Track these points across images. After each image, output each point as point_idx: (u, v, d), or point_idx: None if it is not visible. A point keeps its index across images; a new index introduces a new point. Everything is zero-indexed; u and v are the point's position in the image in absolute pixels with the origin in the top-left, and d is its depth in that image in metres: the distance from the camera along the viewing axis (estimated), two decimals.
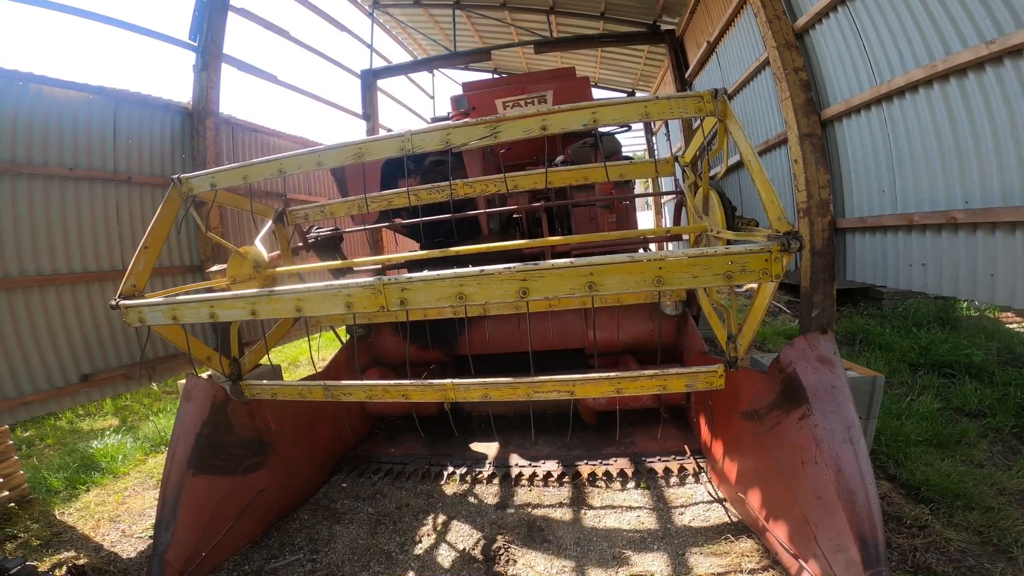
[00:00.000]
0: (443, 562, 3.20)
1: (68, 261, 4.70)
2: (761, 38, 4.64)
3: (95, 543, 3.81)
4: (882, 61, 3.55)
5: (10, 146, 4.32)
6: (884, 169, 3.74)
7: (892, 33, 3.39)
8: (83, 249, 4.82)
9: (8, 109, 4.33)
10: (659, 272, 1.94)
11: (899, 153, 3.60)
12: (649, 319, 4.59)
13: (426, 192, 3.93)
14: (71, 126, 4.76)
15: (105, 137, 5.04)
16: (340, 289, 2.24)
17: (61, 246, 4.65)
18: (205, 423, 3.32)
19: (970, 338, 5.82)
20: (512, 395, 2.89)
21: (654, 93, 11.78)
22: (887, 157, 3.70)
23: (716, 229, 2.88)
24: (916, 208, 3.51)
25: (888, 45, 3.45)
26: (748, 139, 2.34)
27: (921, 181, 3.48)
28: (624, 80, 12.71)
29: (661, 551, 3.12)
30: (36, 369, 4.45)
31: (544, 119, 2.54)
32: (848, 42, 3.82)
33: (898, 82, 3.39)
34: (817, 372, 2.62)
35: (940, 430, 4.07)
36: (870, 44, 3.61)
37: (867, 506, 2.21)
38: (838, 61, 3.97)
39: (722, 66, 6.54)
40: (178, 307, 2.73)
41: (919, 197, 3.51)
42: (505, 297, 2.02)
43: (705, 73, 7.36)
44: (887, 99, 3.58)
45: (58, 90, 4.69)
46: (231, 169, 3.15)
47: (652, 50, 10.11)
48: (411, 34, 12.69)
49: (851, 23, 3.74)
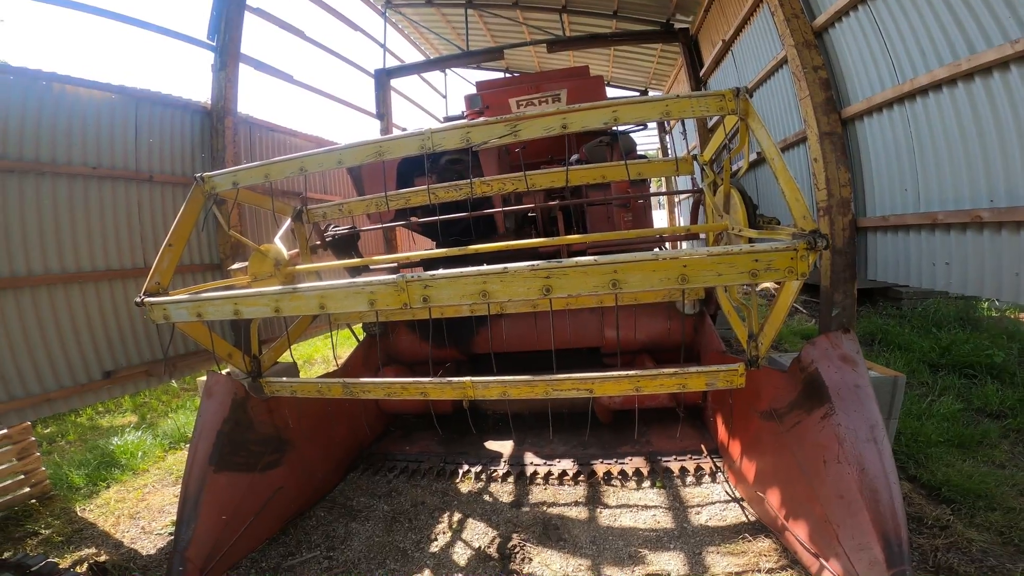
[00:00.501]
0: (459, 560, 3.21)
1: (92, 259, 4.78)
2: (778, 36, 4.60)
3: (115, 540, 3.85)
4: (904, 60, 3.51)
5: (34, 145, 4.39)
6: (907, 168, 3.70)
7: (915, 32, 3.35)
8: (106, 247, 4.89)
9: (32, 109, 4.40)
10: (683, 270, 1.94)
11: (922, 152, 3.56)
12: (666, 318, 4.58)
13: (444, 190, 3.95)
14: (94, 125, 4.84)
15: (127, 136, 5.11)
16: (363, 286, 2.26)
17: (85, 244, 4.73)
18: (226, 420, 3.33)
19: (992, 338, 5.74)
20: (530, 393, 2.90)
21: (667, 92, 11.71)
22: (910, 156, 3.66)
23: (737, 227, 2.86)
24: (940, 207, 3.46)
25: (910, 44, 3.41)
26: (771, 137, 2.33)
27: (945, 180, 3.44)
28: (637, 79, 12.66)
29: (677, 550, 3.12)
30: (60, 366, 4.51)
31: (564, 118, 2.54)
32: (869, 41, 3.78)
33: (921, 81, 3.34)
34: (840, 371, 2.61)
35: (961, 431, 4.04)
36: (892, 43, 3.57)
37: (891, 505, 2.19)
38: (859, 59, 3.93)
39: (738, 64, 6.49)
40: (202, 304, 2.77)
41: (943, 196, 3.46)
42: (528, 295, 2.03)
43: (720, 71, 7.31)
44: (910, 98, 3.54)
45: (81, 89, 4.76)
46: (253, 168, 3.19)
47: (665, 48, 10.06)
48: (423, 33, 12.74)
49: (872, 22, 3.69)
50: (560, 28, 9.92)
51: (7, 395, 4.13)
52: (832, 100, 4.06)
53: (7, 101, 4.24)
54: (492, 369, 3.32)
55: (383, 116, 9.85)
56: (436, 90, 13.62)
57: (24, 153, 4.33)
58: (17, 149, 4.28)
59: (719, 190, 3.18)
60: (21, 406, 4.20)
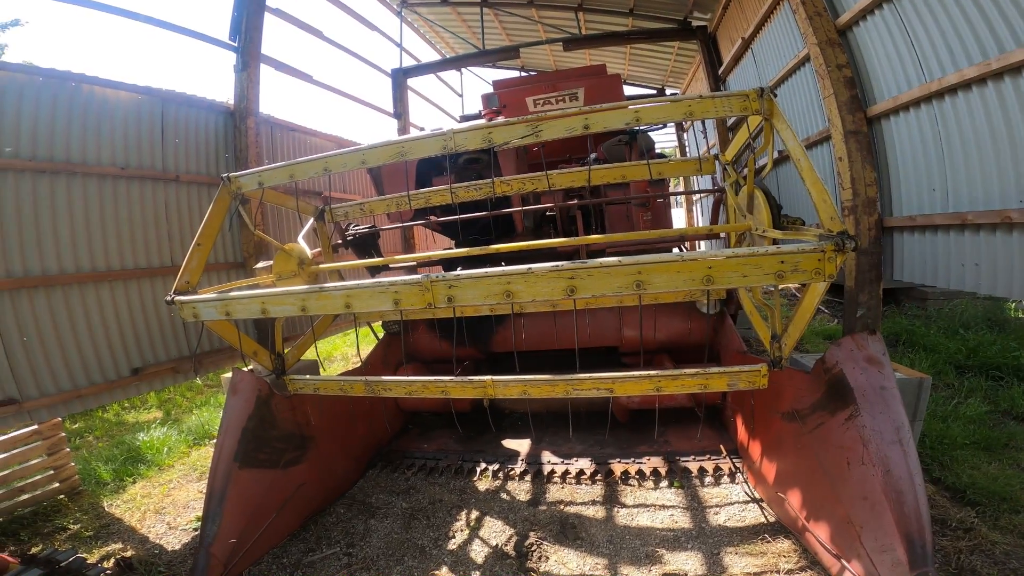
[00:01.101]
0: (476, 558, 3.22)
1: (120, 258, 4.90)
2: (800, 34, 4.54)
3: (141, 535, 3.90)
4: (932, 58, 3.45)
5: (64, 146, 4.52)
6: (935, 167, 3.63)
7: (942, 31, 3.30)
8: (134, 247, 5.02)
9: (62, 110, 4.52)
10: (708, 271, 1.94)
11: (951, 151, 3.49)
12: (686, 318, 4.56)
13: (464, 190, 3.98)
14: (121, 126, 4.96)
15: (154, 137, 5.24)
16: (388, 286, 2.29)
17: (114, 244, 4.85)
18: (251, 417, 3.36)
19: (1019, 340, 5.59)
20: (551, 392, 2.91)
21: (684, 90, 11.62)
22: (938, 155, 3.59)
23: (761, 228, 2.84)
24: (969, 207, 3.40)
25: (938, 42, 3.36)
26: (797, 137, 2.31)
27: (975, 179, 3.37)
28: (654, 77, 12.57)
29: (695, 550, 3.10)
30: (90, 363, 4.63)
31: (586, 118, 2.55)
32: (895, 39, 3.72)
33: (950, 80, 3.29)
34: (866, 373, 2.58)
35: (987, 433, 3.96)
36: (919, 41, 3.51)
37: (915, 507, 2.18)
38: (884, 58, 3.87)
39: (758, 62, 6.41)
40: (231, 303, 2.83)
41: (972, 196, 3.40)
42: (552, 295, 2.04)
43: (739, 69, 7.23)
44: (938, 97, 3.48)
45: (108, 90, 4.88)
46: (278, 168, 3.25)
47: (683, 46, 9.97)
48: (439, 33, 12.79)
49: (898, 20, 3.64)
50: (576, 26, 9.89)
51: (39, 392, 4.26)
52: (857, 98, 4.00)
53: (38, 102, 4.35)
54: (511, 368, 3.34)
55: (400, 115, 9.93)
56: (452, 89, 13.67)
57: (55, 154, 4.45)
58: (48, 150, 4.40)
59: (742, 190, 3.16)
60: (52, 402, 4.32)
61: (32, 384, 4.23)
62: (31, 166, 4.28)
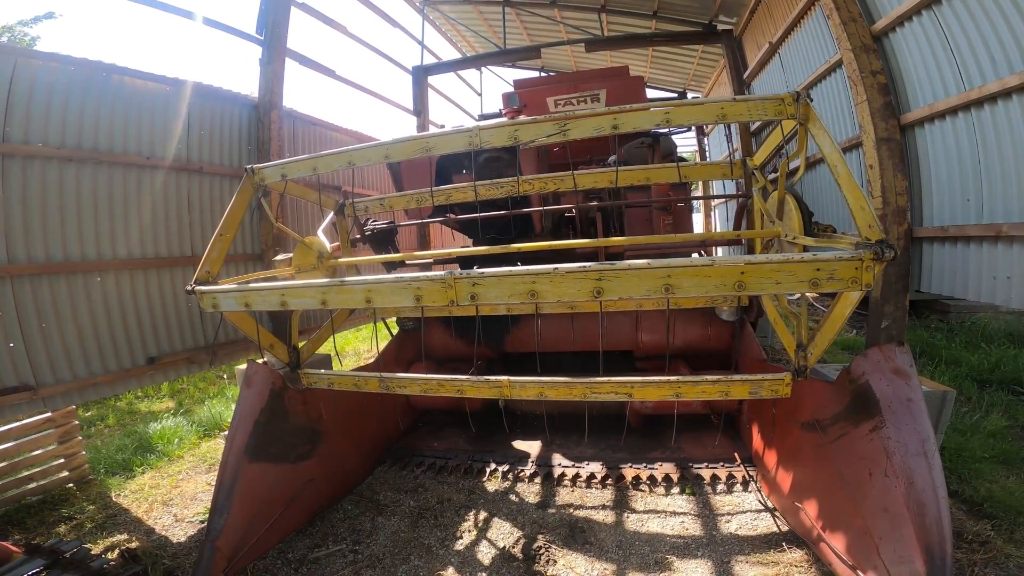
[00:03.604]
0: (483, 559, 3.20)
1: (141, 247, 4.95)
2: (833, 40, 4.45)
3: (147, 526, 3.87)
4: (972, 66, 3.36)
5: (93, 135, 4.58)
6: (970, 177, 3.54)
7: (984, 39, 3.21)
8: (155, 236, 5.07)
9: (92, 99, 4.58)
10: (740, 276, 1.89)
11: (988, 161, 3.39)
12: (704, 324, 4.49)
13: (486, 188, 3.96)
14: (148, 116, 5.01)
15: (179, 128, 5.29)
16: (410, 282, 2.27)
17: (136, 232, 4.90)
18: (263, 410, 3.32)
19: None
20: (568, 395, 2.88)
21: (706, 94, 11.50)
22: (974, 165, 3.50)
23: (792, 234, 2.78)
24: (1004, 218, 3.30)
25: (979, 51, 3.27)
26: (835, 143, 2.25)
27: (1011, 190, 3.28)
28: (675, 80, 12.46)
29: (705, 558, 3.05)
30: (106, 350, 4.65)
31: (615, 118, 2.51)
32: (933, 46, 3.63)
33: (991, 88, 3.20)
34: (892, 384, 2.52)
35: (1006, 447, 3.91)
36: (958, 49, 3.43)
37: (938, 519, 2.13)
38: (921, 65, 3.77)
39: (785, 67, 6.32)
40: (250, 294, 2.84)
41: (1008, 207, 3.30)
42: (578, 296, 2.01)
43: (765, 74, 7.13)
44: (977, 105, 3.39)
45: (137, 81, 4.94)
46: (301, 160, 3.25)
47: (707, 50, 9.87)
48: (459, 31, 12.81)
49: (937, 27, 3.55)
50: (598, 28, 9.83)
51: (54, 379, 4.27)
52: (891, 105, 3.91)
53: (69, 91, 4.42)
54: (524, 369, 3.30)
55: (420, 112, 9.95)
56: (472, 88, 13.67)
57: (82, 142, 4.51)
58: (76, 138, 4.46)
59: (771, 195, 3.09)
60: (68, 390, 4.34)
61: (48, 371, 4.24)
62: (59, 154, 4.33)
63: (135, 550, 3.41)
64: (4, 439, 4.15)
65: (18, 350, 4.06)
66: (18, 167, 4.14)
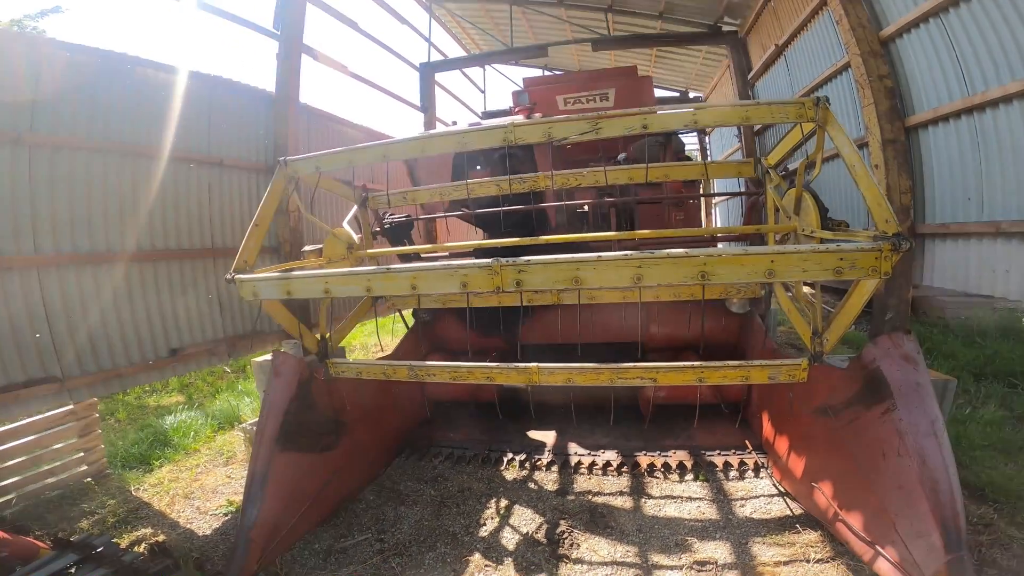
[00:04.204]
0: (508, 544, 3.27)
1: (164, 239, 5.02)
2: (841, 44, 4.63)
3: (171, 520, 3.85)
4: (976, 72, 3.55)
5: (119, 126, 4.63)
6: (971, 177, 3.73)
7: (988, 47, 3.40)
8: (177, 228, 5.14)
9: (118, 90, 4.61)
10: (771, 265, 2.05)
11: (988, 162, 3.59)
12: (714, 316, 4.64)
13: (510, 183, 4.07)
14: (171, 109, 5.06)
15: (201, 121, 5.35)
16: (457, 269, 2.40)
17: (159, 224, 4.97)
18: (292, 400, 3.31)
19: None
20: (596, 380, 3.01)
21: (708, 94, 11.70)
22: (975, 165, 3.69)
23: (809, 228, 2.95)
24: (1003, 216, 3.50)
25: (983, 58, 3.46)
26: (853, 144, 2.41)
27: (1010, 189, 3.47)
28: (677, 79, 12.65)
29: (723, 540, 3.18)
30: (130, 342, 4.67)
31: (645, 118, 2.65)
32: (939, 52, 3.82)
33: (993, 93, 3.39)
34: (902, 369, 2.65)
35: (1004, 436, 4.07)
36: (963, 55, 3.62)
37: (950, 495, 2.26)
38: (926, 70, 3.96)
39: (790, 69, 6.50)
40: (293, 282, 2.93)
41: (1007, 205, 3.50)
42: (620, 283, 2.15)
43: (770, 75, 7.31)
44: (979, 109, 3.58)
45: (161, 74, 4.99)
46: (336, 153, 3.36)
47: (710, 51, 10.04)
48: (464, 28, 12.90)
49: (943, 35, 3.74)
50: (604, 27, 9.97)
51: (80, 370, 4.25)
52: (896, 108, 4.10)
53: (96, 83, 4.46)
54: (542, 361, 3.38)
55: (427, 109, 10.04)
56: (476, 85, 13.78)
57: (109, 133, 4.56)
58: (103, 129, 4.51)
59: (787, 193, 3.26)
60: (93, 381, 4.34)
61: (74, 362, 4.23)
62: (86, 145, 4.38)
63: (164, 543, 3.40)
64: (27, 432, 4.13)
65: (45, 341, 4.07)
66: (46, 158, 4.18)
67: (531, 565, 3.08)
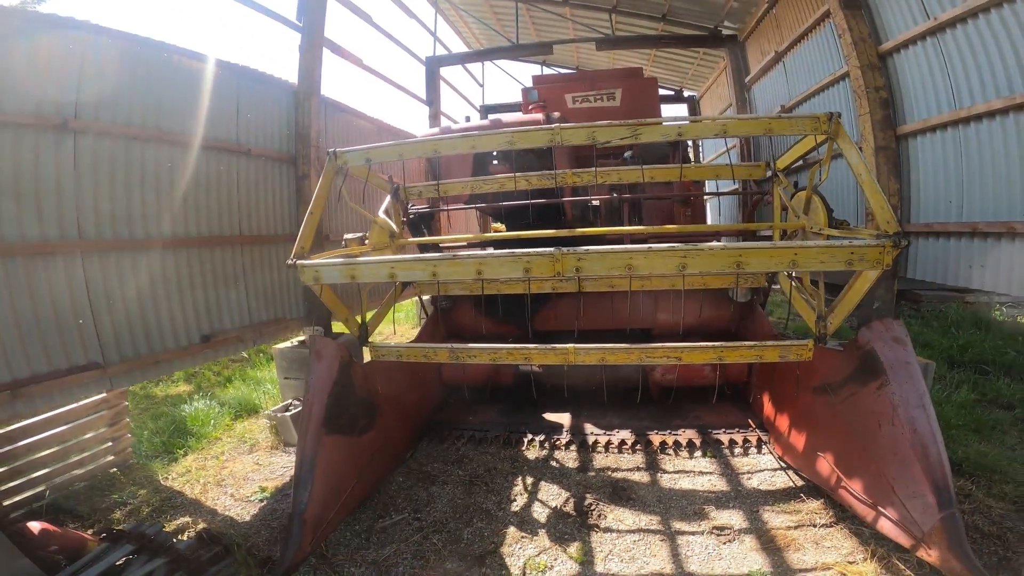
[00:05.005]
0: (539, 517, 3.54)
1: (197, 225, 5.10)
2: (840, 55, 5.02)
3: (208, 508, 3.89)
4: (963, 88, 3.97)
5: (155, 113, 4.67)
6: (953, 182, 4.18)
7: (978, 65, 3.80)
8: (209, 215, 5.23)
9: (155, 78, 4.63)
10: (794, 256, 2.42)
11: (969, 169, 4.03)
12: (718, 305, 5.00)
13: (537, 179, 4.37)
14: (203, 97, 5.12)
15: (229, 110, 5.46)
16: (521, 256, 2.69)
17: (193, 211, 5.05)
18: (335, 383, 3.39)
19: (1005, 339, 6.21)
20: (627, 359, 3.35)
21: (702, 94, 12.10)
22: (957, 172, 4.14)
23: (818, 227, 3.33)
24: (980, 217, 3.95)
25: (972, 75, 3.87)
26: (861, 155, 2.79)
27: (987, 195, 3.92)
28: (672, 79, 13.02)
29: (736, 509, 3.52)
30: (165, 328, 4.70)
31: (680, 128, 3.00)
32: (932, 68, 4.23)
33: (979, 108, 3.81)
34: (893, 349, 3.00)
35: (977, 417, 4.47)
36: (954, 72, 4.03)
37: (939, 458, 2.60)
38: (919, 84, 4.38)
39: (788, 75, 6.89)
40: (357, 267, 3.17)
41: (984, 208, 3.95)
42: (666, 270, 2.50)
43: (767, 80, 7.69)
44: (964, 122, 4.00)
45: (193, 62, 5.03)
46: (386, 147, 3.62)
47: (708, 53, 10.41)
48: (467, 23, 13.05)
49: (938, 52, 4.14)
50: (607, 26, 10.26)
51: (119, 356, 4.23)
52: (889, 118, 4.51)
53: (135, 70, 4.48)
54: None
55: (432, 102, 10.23)
56: (475, 79, 13.97)
57: (147, 120, 4.59)
58: (141, 116, 4.54)
59: (797, 195, 3.64)
60: (132, 368, 4.33)
61: (114, 349, 4.23)
62: (126, 131, 4.38)
63: (211, 530, 3.41)
64: (59, 422, 4.10)
65: (87, 327, 4.04)
66: (90, 144, 4.20)
67: (564, 535, 3.35)
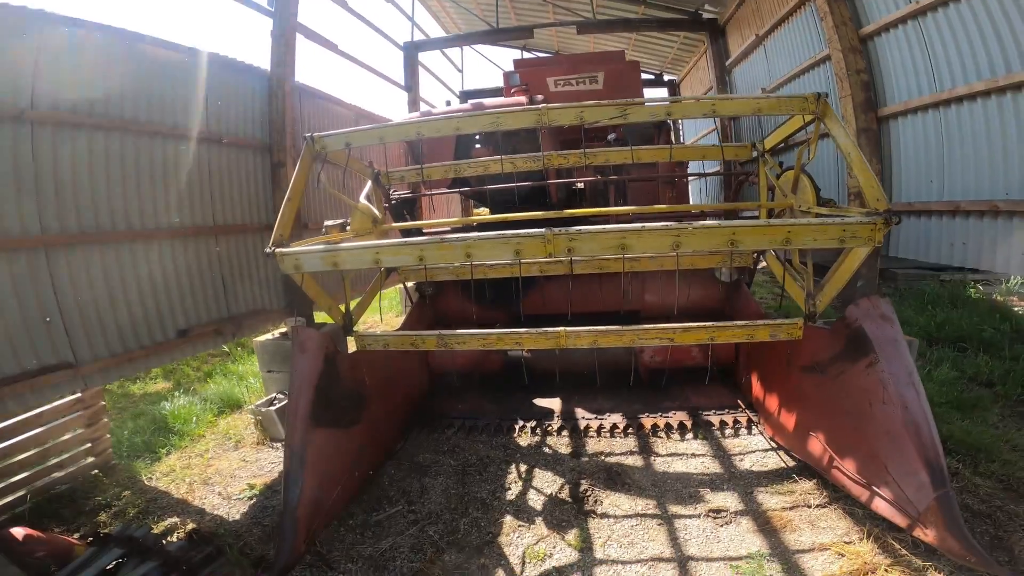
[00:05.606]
0: (535, 505, 3.49)
1: (168, 216, 4.90)
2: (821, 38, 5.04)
3: (195, 507, 3.78)
4: (945, 71, 4.02)
5: (119, 103, 4.49)
6: (934, 162, 4.24)
7: (959, 49, 3.85)
8: (180, 205, 5.02)
9: (118, 66, 4.43)
10: (787, 234, 2.40)
11: (951, 150, 4.09)
12: (704, 285, 4.99)
13: (523, 161, 4.28)
14: (171, 86, 4.93)
15: (200, 98, 5.25)
16: (511, 238, 2.60)
17: (162, 202, 4.84)
18: (321, 374, 3.28)
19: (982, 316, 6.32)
20: (619, 342, 3.31)
21: (682, 78, 12.11)
22: (938, 153, 4.20)
23: (806, 205, 3.33)
24: (962, 196, 4.01)
25: (953, 58, 3.92)
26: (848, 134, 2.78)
27: (968, 174, 3.98)
28: (653, 63, 12.99)
29: (730, 491, 3.51)
30: (139, 324, 4.51)
31: (669, 108, 2.95)
32: (913, 51, 4.27)
33: (959, 91, 3.86)
34: (881, 327, 2.96)
35: (957, 395, 4.48)
36: (935, 56, 4.06)
37: (931, 437, 2.56)
38: (900, 67, 4.42)
39: (769, 58, 6.91)
40: (340, 254, 3.04)
41: (965, 187, 4.01)
42: (660, 249, 2.45)
43: (748, 63, 7.71)
44: (945, 104, 4.05)
45: (160, 50, 4.84)
46: (366, 130, 3.49)
47: (688, 36, 10.38)
48: (445, 7, 12.79)
49: (919, 36, 4.18)
50: (588, 10, 10.15)
51: (92, 355, 4.06)
52: (871, 100, 4.55)
53: (96, 58, 4.26)
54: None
55: (411, 88, 10.02)
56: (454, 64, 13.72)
57: (110, 110, 4.38)
58: (104, 106, 4.34)
59: (785, 174, 3.64)
60: (106, 366, 4.16)
61: (86, 347, 4.04)
62: (88, 122, 4.21)
63: (202, 530, 3.33)
64: (35, 424, 3.95)
65: (56, 325, 3.85)
66: (48, 135, 4.00)
67: (562, 522, 3.31)
